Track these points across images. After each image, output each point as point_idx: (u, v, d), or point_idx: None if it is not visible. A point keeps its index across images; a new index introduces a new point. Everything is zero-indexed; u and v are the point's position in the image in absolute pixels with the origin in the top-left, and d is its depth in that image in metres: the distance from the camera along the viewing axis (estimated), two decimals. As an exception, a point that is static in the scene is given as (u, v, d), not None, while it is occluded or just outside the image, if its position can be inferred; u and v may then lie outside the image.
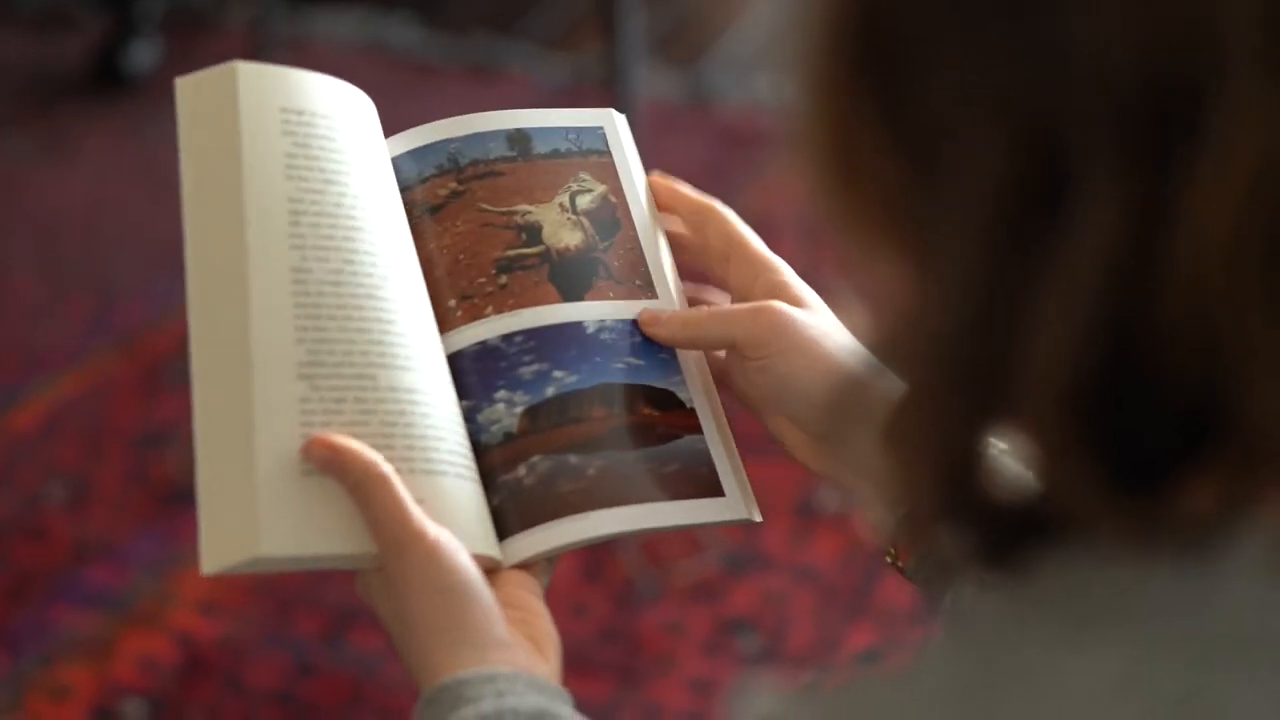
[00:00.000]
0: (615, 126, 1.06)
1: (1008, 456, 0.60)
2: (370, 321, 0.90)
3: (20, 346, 2.45)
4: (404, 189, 0.99)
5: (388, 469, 0.85)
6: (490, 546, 0.90)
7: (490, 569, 0.89)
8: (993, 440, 0.55)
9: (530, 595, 0.90)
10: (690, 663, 1.98)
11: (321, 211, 0.91)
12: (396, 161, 1.00)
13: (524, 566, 0.91)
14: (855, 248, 0.58)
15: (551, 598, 0.91)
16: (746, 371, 0.96)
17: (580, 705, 0.85)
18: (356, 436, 0.86)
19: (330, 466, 0.85)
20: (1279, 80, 0.48)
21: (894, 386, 0.57)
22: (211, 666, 1.98)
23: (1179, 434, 0.51)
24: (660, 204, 1.05)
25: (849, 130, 0.55)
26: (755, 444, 1.01)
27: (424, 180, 1.00)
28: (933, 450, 0.55)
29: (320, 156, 0.92)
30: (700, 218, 1.03)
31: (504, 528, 0.92)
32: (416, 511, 0.85)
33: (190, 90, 0.92)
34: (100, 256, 2.62)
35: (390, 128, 1.01)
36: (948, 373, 0.54)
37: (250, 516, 0.84)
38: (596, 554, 2.07)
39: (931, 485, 0.55)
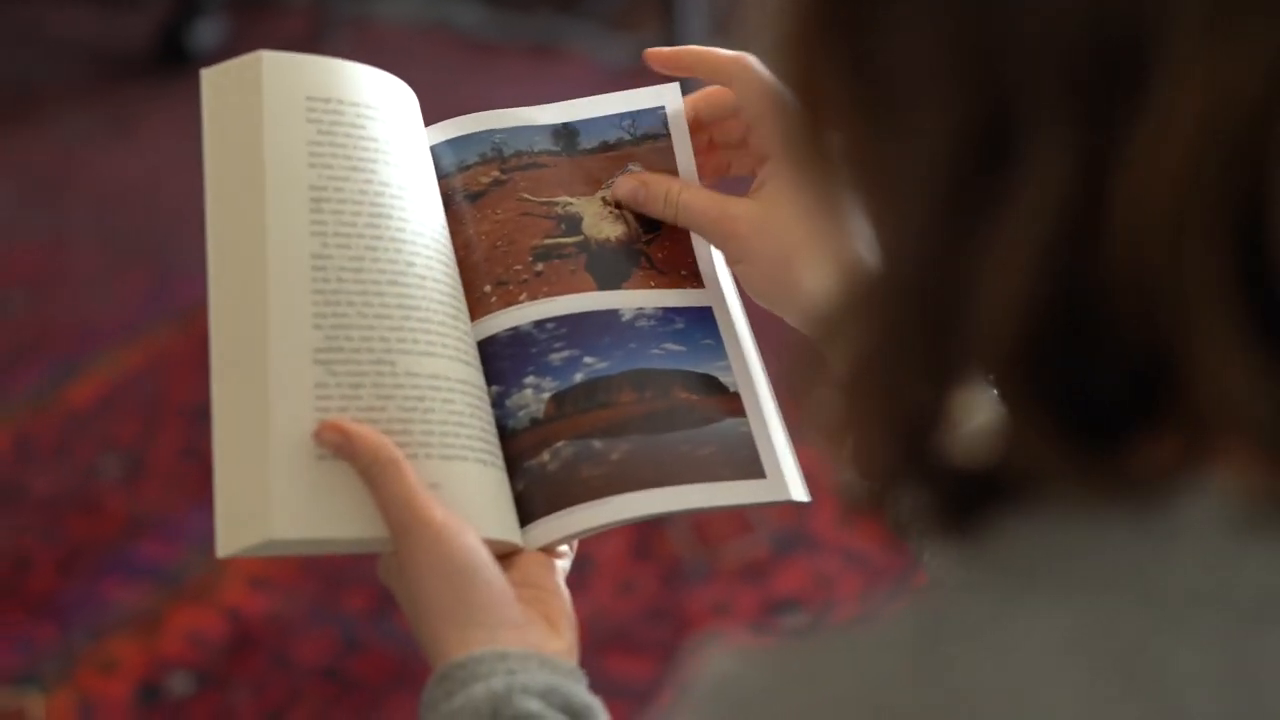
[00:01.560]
0: (679, 103, 1.04)
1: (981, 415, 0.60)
2: (391, 308, 0.90)
3: (78, 320, 2.47)
4: (444, 175, 0.99)
5: (397, 453, 0.86)
6: (507, 531, 0.90)
7: (509, 552, 0.90)
8: (973, 398, 0.55)
9: (546, 573, 0.90)
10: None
11: (345, 199, 0.91)
12: (438, 149, 1.00)
13: (546, 549, 0.91)
14: (821, 205, 0.58)
15: (599, 575, 0.92)
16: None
17: (625, 684, 0.85)
18: (372, 422, 0.87)
19: (341, 450, 0.86)
20: (1220, 39, 0.48)
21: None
22: (259, 642, 2.00)
23: (1131, 390, 0.51)
24: (683, 69, 1.02)
25: (817, 83, 0.56)
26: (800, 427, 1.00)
27: (466, 168, 1.00)
28: (889, 408, 0.55)
29: (346, 144, 0.92)
30: (726, 77, 1.00)
31: (527, 513, 0.92)
32: (424, 495, 0.86)
33: (215, 80, 0.92)
34: (159, 232, 2.64)
35: (452, 107, 1.02)
36: (902, 328, 0.54)
37: (263, 500, 0.85)
38: (645, 532, 2.07)
39: (888, 445, 0.55)
